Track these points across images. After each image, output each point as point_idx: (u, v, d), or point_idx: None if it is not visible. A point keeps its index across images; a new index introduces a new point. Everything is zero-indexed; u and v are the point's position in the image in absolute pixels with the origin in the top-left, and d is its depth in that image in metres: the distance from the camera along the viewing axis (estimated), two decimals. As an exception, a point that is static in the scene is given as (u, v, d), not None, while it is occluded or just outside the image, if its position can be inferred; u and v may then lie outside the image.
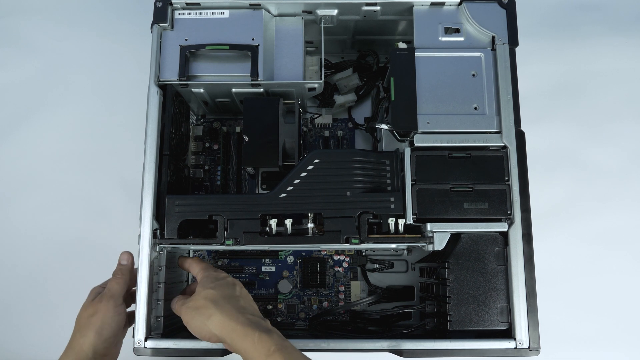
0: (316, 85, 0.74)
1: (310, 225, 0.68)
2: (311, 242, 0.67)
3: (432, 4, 0.72)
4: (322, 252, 0.84)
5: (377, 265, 0.83)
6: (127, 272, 0.67)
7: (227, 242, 0.65)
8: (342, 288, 0.83)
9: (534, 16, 0.98)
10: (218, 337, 0.59)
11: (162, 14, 0.71)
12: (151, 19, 0.71)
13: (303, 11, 0.74)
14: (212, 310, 0.59)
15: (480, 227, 0.66)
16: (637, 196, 0.91)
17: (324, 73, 0.77)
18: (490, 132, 0.68)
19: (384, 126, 0.72)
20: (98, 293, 0.66)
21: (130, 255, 0.68)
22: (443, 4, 0.72)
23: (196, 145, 0.86)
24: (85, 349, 0.62)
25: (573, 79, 0.96)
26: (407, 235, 0.67)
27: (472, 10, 0.71)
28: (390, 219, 0.66)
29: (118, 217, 0.89)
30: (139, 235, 0.65)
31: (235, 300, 0.61)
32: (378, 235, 0.67)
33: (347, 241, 0.65)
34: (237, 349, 0.57)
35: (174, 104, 0.73)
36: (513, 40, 0.70)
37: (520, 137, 0.68)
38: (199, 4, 0.72)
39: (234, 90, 0.75)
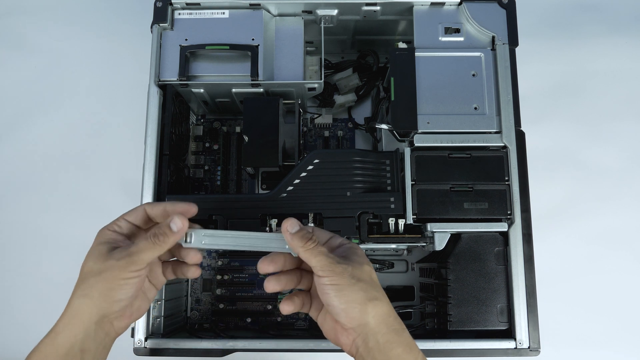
0: (316, 85, 0.74)
1: (310, 225, 0.68)
2: (311, 242, 0.67)
3: (432, 4, 0.72)
4: (322, 252, 0.84)
5: (377, 265, 0.83)
6: (172, 243, 0.51)
7: (227, 242, 0.65)
8: (342, 288, 0.83)
9: (534, 16, 0.98)
10: (365, 326, 0.48)
11: (162, 14, 0.71)
12: (151, 19, 0.71)
13: (303, 11, 0.74)
14: (378, 294, 0.49)
15: (480, 227, 0.66)
16: (637, 196, 0.91)
17: (324, 73, 0.77)
18: (490, 132, 0.68)
19: (384, 126, 0.72)
20: (114, 242, 0.52)
21: (185, 223, 0.51)
22: (443, 4, 0.72)
23: (196, 145, 0.86)
24: (89, 312, 0.49)
25: (573, 79, 0.96)
26: (407, 235, 0.67)
27: (472, 10, 0.71)
28: (390, 219, 0.66)
29: (118, 217, 0.89)
30: (139, 235, 0.65)
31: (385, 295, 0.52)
32: (378, 235, 0.67)
33: (347, 241, 0.66)
34: (383, 351, 0.48)
35: (174, 104, 0.73)
36: (513, 40, 0.70)
37: (520, 137, 0.68)
38: (199, 4, 0.72)
39: (234, 90, 0.75)
